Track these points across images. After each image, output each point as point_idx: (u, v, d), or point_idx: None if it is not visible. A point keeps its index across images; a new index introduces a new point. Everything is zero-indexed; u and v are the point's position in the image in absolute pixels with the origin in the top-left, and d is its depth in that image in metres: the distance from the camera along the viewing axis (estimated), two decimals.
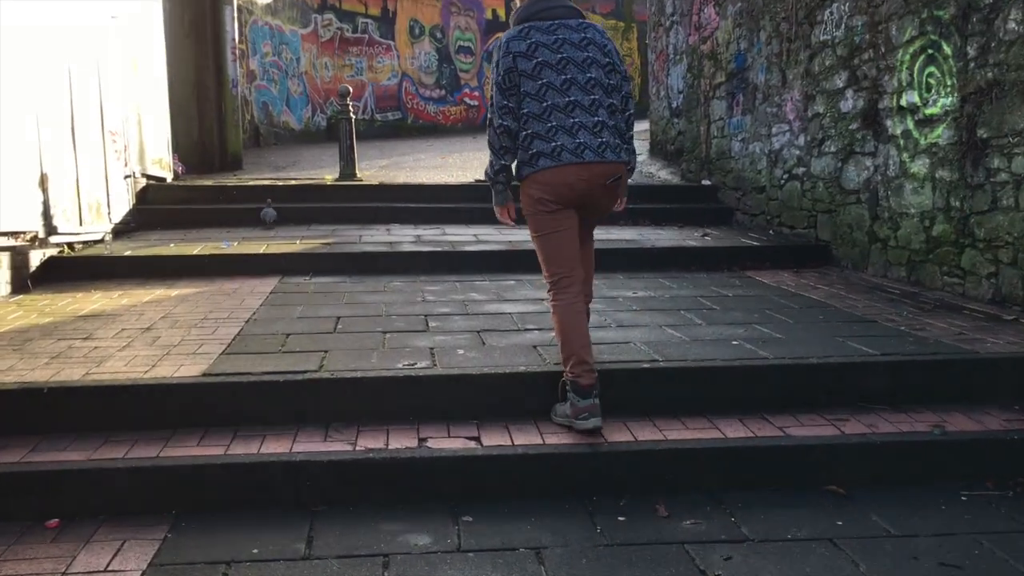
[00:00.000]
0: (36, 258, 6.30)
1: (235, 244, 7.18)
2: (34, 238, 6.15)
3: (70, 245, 6.79)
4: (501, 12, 22.98)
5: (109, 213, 7.54)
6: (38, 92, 6.23)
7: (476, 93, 22.30)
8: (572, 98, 3.65)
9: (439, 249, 7.07)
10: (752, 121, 8.51)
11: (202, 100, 11.94)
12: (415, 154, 14.41)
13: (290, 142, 17.61)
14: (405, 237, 7.69)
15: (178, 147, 11.63)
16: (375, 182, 9.51)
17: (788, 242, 7.61)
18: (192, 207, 8.57)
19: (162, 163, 9.20)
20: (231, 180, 9.91)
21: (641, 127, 19.60)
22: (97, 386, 3.73)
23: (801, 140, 7.57)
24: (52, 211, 6.39)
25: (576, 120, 3.63)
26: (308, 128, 18.87)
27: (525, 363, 4.07)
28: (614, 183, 3.73)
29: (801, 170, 7.59)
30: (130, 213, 8.07)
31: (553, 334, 3.90)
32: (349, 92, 9.65)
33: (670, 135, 11.55)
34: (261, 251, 6.85)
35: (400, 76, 20.60)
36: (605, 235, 7.86)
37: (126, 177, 7.99)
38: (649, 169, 11.76)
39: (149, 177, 8.86)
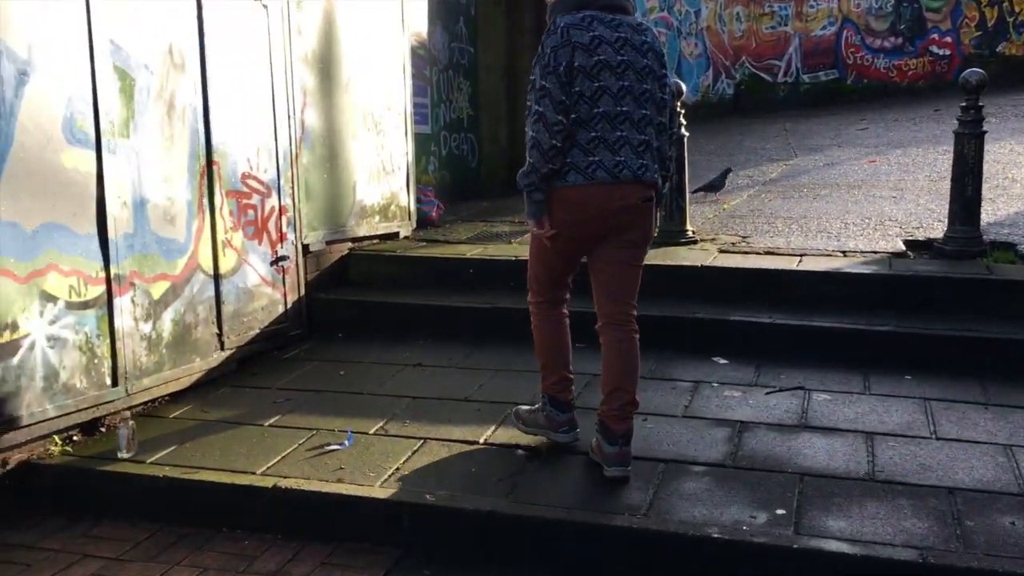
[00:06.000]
0: None
1: (355, 442, 3.70)
2: None
3: (97, 421, 3.85)
4: None
5: (220, 335, 4.49)
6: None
7: (948, 39, 16.25)
8: (624, 108, 3.12)
9: (777, 539, 2.90)
10: None
11: (514, 93, 8.59)
12: (833, 149, 9.74)
13: None
14: (714, 431, 3.60)
15: (482, 162, 8.54)
16: (707, 258, 5.28)
17: None
18: (393, 301, 5.27)
19: (389, 211, 6.01)
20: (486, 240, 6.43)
21: None
22: None
23: None
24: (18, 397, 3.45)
25: (622, 135, 3.13)
26: (707, 98, 14.84)
27: None
28: (648, 203, 3.20)
29: None
30: (295, 314, 5.00)
31: None
32: (682, 92, 5.55)
33: None
34: (373, 494, 3.23)
35: (839, 23, 15.53)
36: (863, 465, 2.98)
37: (277, 261, 4.90)
38: None
39: (357, 240, 5.74)
